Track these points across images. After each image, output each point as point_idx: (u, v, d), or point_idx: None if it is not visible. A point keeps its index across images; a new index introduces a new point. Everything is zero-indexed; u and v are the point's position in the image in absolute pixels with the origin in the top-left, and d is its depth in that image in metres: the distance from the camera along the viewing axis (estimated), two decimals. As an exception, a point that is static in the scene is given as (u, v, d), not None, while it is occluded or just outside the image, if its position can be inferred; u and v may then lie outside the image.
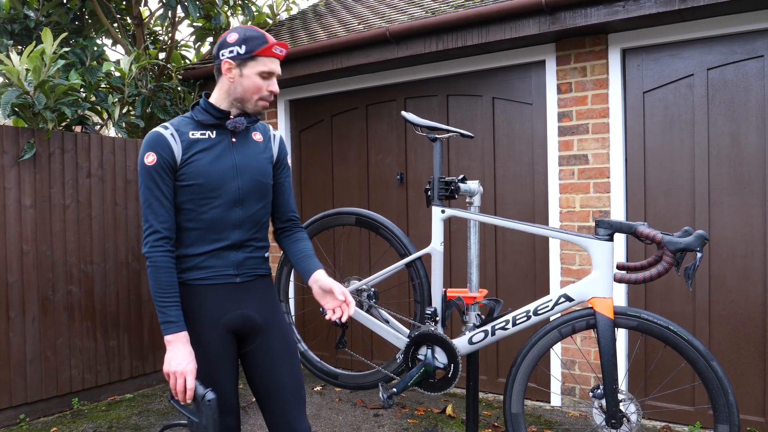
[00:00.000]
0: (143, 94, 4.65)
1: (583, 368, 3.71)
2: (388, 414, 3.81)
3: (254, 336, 1.90)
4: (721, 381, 2.06)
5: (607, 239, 2.23)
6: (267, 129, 2.01)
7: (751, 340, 3.30)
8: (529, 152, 3.96)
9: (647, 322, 2.17)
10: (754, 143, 3.29)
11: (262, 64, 1.80)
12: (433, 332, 2.44)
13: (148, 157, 1.77)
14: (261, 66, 1.80)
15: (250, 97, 1.82)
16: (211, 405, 1.72)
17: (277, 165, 1.99)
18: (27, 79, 3.73)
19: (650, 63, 3.57)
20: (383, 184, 4.56)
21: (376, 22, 4.44)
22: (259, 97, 1.82)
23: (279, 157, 2.00)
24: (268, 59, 1.81)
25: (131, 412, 3.96)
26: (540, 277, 3.91)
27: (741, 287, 3.32)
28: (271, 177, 1.95)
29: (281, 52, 1.83)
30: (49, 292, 3.94)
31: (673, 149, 3.51)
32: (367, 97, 4.63)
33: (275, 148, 1.99)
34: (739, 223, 3.32)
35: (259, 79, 1.81)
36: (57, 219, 3.98)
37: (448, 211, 2.49)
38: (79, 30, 5.41)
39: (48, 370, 3.92)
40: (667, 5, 3.19)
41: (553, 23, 3.52)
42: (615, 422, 2.16)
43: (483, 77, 4.12)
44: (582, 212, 3.70)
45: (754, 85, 3.29)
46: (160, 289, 1.76)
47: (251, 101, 1.83)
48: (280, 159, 2.00)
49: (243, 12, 5.68)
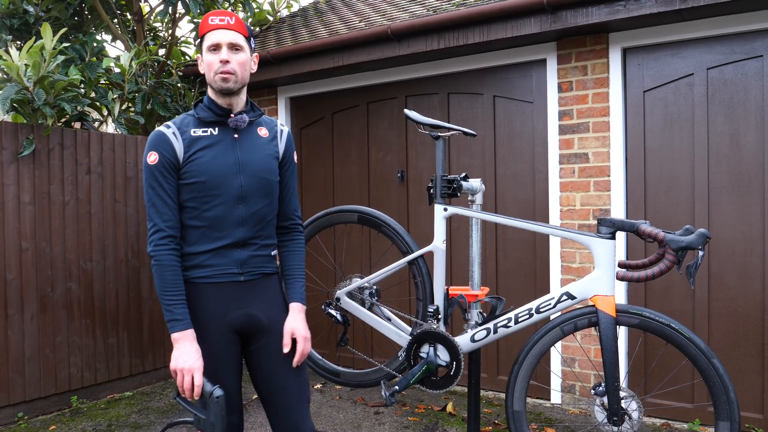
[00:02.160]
0: (143, 91, 4.64)
1: (584, 366, 3.72)
2: (388, 412, 3.81)
3: (259, 335, 1.89)
4: (721, 378, 2.07)
5: (609, 237, 2.24)
6: (274, 124, 1.97)
7: (749, 337, 3.32)
8: (529, 150, 3.96)
9: (649, 319, 2.18)
10: (753, 142, 3.30)
11: (207, 40, 1.80)
12: (436, 330, 2.44)
13: (150, 156, 1.77)
14: (207, 42, 1.80)
15: (211, 77, 1.80)
16: (219, 402, 1.71)
17: (283, 162, 1.97)
18: (26, 74, 3.71)
19: (651, 62, 3.58)
20: (384, 181, 4.56)
21: (378, 20, 4.44)
22: (214, 72, 1.79)
23: (285, 154, 1.97)
24: (211, 33, 1.79)
25: (131, 410, 3.96)
26: (540, 275, 3.92)
27: (740, 285, 3.34)
28: (277, 174, 1.93)
29: (220, 20, 1.78)
30: (48, 290, 3.92)
31: (673, 148, 3.52)
32: (368, 94, 4.63)
33: (282, 144, 1.96)
34: (739, 221, 3.34)
35: (210, 54, 1.80)
36: (56, 216, 3.97)
37: (451, 210, 2.49)
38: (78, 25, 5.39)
39: (47, 367, 3.91)
40: (667, 5, 3.20)
41: (555, 22, 3.53)
42: (617, 419, 2.17)
43: (484, 75, 4.13)
44: (582, 210, 3.71)
45: (753, 85, 3.30)
46: (165, 287, 1.75)
47: (213, 80, 1.80)
48: (286, 156, 1.97)
49: (243, 8, 5.67)
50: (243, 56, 1.81)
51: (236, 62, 1.79)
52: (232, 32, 1.79)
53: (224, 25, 1.78)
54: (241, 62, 1.80)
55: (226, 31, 1.78)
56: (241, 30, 1.81)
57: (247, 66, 1.84)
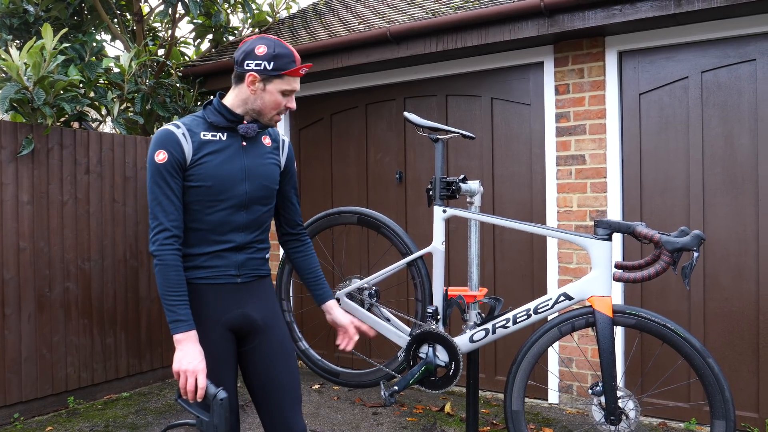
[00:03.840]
0: (142, 91, 4.64)
1: (581, 366, 3.76)
2: (386, 412, 3.83)
3: (253, 335, 1.92)
4: (717, 377, 2.10)
5: (606, 239, 2.26)
6: (277, 134, 2.03)
7: (744, 337, 3.36)
8: (527, 152, 4.00)
9: (645, 320, 2.20)
10: (746, 145, 3.34)
11: (286, 83, 1.82)
12: (435, 330, 2.47)
13: (159, 154, 1.76)
14: (285, 85, 1.82)
15: (268, 112, 1.84)
16: (223, 404, 1.71)
17: (285, 172, 2.02)
18: (26, 74, 3.72)
19: (646, 65, 3.61)
20: (382, 182, 4.58)
21: (377, 22, 4.46)
22: (276, 112, 1.85)
23: (287, 164, 2.03)
24: (293, 79, 1.83)
25: (128, 411, 3.96)
26: (537, 276, 3.95)
27: (735, 285, 3.38)
28: (278, 182, 1.97)
29: (303, 72, 1.85)
30: (46, 289, 3.92)
31: (669, 150, 3.56)
32: (366, 96, 4.65)
33: (284, 155, 2.01)
34: (733, 222, 3.38)
35: (281, 96, 1.83)
36: (55, 215, 3.97)
37: (450, 211, 2.51)
38: (78, 25, 5.39)
39: (43, 368, 3.90)
40: (663, 9, 3.24)
41: (552, 26, 3.56)
42: (614, 419, 2.19)
43: (482, 78, 4.16)
44: (579, 212, 3.74)
45: (746, 88, 3.35)
46: (168, 287, 1.75)
47: (268, 115, 1.85)
48: (288, 166, 2.03)
49: (243, 10, 5.69)
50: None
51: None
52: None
53: (302, 75, 1.86)
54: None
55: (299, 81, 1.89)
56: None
57: None
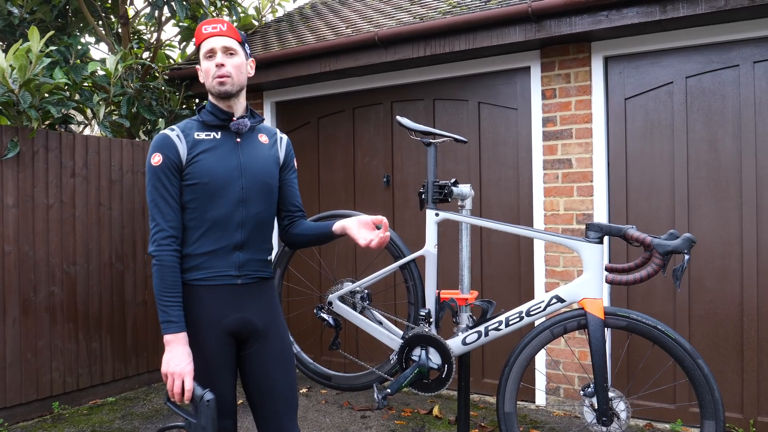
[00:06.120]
0: (128, 94, 4.60)
1: (568, 368, 3.79)
2: (374, 415, 3.83)
3: (253, 340, 1.91)
4: (707, 378, 2.14)
5: (597, 242, 2.30)
6: (272, 131, 2.06)
7: (729, 338, 3.42)
8: (514, 156, 4.03)
9: (636, 321, 2.24)
10: (730, 149, 3.41)
11: (203, 48, 1.89)
12: (428, 333, 2.48)
13: (154, 157, 1.82)
14: (203, 50, 1.89)
15: (210, 83, 1.88)
16: (210, 405, 1.72)
17: (284, 167, 2.05)
18: (12, 76, 3.67)
19: (631, 70, 3.67)
20: (370, 186, 4.59)
21: (365, 27, 4.47)
22: (212, 77, 1.87)
23: (286, 159, 2.05)
24: (205, 41, 1.88)
25: (114, 416, 3.91)
26: (525, 279, 3.99)
27: (719, 287, 3.44)
28: (277, 179, 1.99)
29: (213, 28, 1.87)
30: (31, 293, 3.87)
31: (654, 154, 3.62)
32: (354, 100, 4.66)
33: (282, 150, 2.04)
34: (717, 225, 3.44)
35: (207, 61, 1.88)
36: (40, 219, 3.92)
37: (442, 214, 2.53)
38: (63, 27, 5.32)
39: (28, 372, 3.84)
40: (648, 15, 3.30)
41: (539, 31, 3.60)
42: (606, 419, 2.22)
43: (469, 82, 4.19)
44: (566, 215, 3.78)
45: (730, 93, 3.42)
46: (164, 288, 1.77)
47: (212, 86, 1.88)
48: (287, 161, 2.06)
49: (229, 13, 5.66)
50: (237, 59, 1.89)
51: (231, 65, 1.87)
52: (225, 38, 1.88)
53: (217, 32, 1.87)
54: (236, 65, 1.88)
55: (219, 38, 1.88)
56: (233, 35, 1.90)
57: (242, 69, 1.91)
